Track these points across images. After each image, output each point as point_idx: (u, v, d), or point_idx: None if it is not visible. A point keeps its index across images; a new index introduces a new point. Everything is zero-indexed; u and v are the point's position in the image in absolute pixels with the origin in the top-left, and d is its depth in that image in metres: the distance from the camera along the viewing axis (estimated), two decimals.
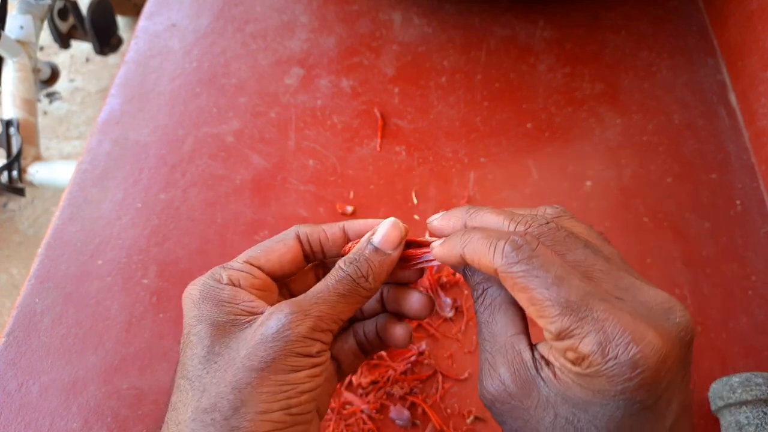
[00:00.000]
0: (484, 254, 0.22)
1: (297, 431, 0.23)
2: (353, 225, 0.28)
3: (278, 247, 0.27)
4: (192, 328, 0.24)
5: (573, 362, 0.21)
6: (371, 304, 0.30)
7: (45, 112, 1.67)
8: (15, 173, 1.06)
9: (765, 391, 0.38)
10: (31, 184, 1.10)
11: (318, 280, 0.27)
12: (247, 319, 0.24)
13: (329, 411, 0.42)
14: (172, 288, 0.48)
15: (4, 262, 1.42)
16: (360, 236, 0.27)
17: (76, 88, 1.73)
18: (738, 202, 0.52)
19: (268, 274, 0.27)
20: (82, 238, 0.51)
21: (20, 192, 1.08)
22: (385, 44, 0.64)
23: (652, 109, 0.58)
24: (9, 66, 1.14)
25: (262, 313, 0.24)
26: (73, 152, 1.59)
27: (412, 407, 0.43)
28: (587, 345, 0.20)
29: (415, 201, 0.53)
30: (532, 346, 0.23)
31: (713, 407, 0.41)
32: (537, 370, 0.22)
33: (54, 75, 1.33)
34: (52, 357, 0.45)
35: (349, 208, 0.52)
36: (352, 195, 0.53)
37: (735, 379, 0.39)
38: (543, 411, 0.21)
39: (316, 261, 0.29)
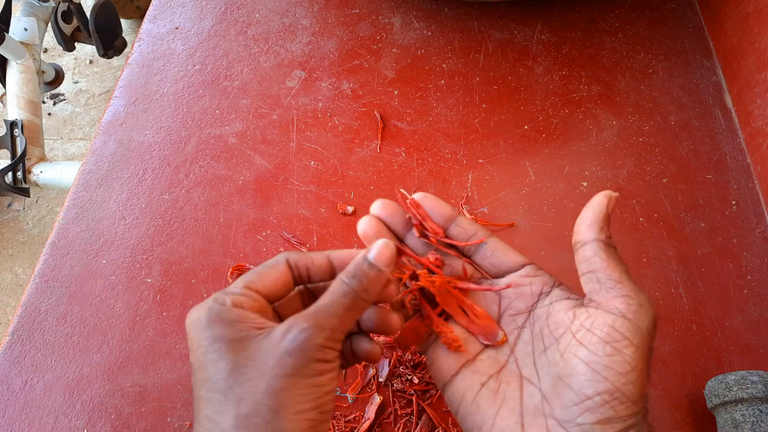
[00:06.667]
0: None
1: (325, 428, 0.26)
2: (338, 254, 0.30)
3: (272, 273, 0.29)
4: (208, 348, 0.25)
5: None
6: None
7: (49, 114, 1.68)
8: (19, 174, 1.07)
9: (760, 389, 0.38)
10: (35, 184, 1.10)
11: (304, 303, 0.30)
12: (259, 333, 0.26)
13: None
14: (175, 287, 0.49)
15: (8, 261, 1.43)
16: (345, 265, 0.29)
17: (81, 89, 1.74)
18: (733, 202, 0.53)
19: (263, 297, 0.29)
20: (86, 238, 0.51)
21: (25, 192, 1.09)
22: (385, 47, 0.64)
23: (648, 110, 0.59)
24: (13, 68, 1.15)
25: (268, 327, 0.26)
26: (77, 153, 1.60)
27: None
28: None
29: None
30: None
31: (709, 405, 0.41)
32: None
33: (58, 77, 1.34)
34: (56, 355, 0.45)
35: (350, 209, 0.52)
36: (352, 195, 0.54)
37: (731, 377, 0.40)
38: None
39: (302, 286, 0.31)
